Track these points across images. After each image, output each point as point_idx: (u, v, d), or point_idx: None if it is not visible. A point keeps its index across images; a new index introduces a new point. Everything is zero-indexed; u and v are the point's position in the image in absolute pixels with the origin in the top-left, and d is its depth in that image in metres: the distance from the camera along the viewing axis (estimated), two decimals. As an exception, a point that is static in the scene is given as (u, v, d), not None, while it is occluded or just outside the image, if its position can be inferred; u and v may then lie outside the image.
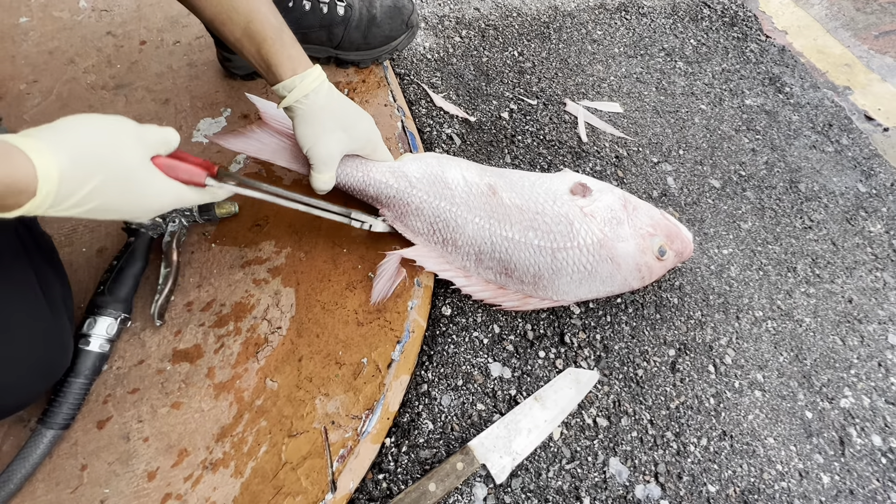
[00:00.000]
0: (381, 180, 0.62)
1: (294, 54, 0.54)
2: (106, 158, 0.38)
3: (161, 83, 0.79)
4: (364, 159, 0.63)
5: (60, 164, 0.35)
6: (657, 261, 0.65)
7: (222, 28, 0.54)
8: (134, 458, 0.50)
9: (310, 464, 0.51)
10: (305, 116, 0.55)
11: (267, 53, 0.53)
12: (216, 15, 0.53)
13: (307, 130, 0.56)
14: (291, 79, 0.53)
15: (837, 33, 1.19)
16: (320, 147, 0.56)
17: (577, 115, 0.91)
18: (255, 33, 0.53)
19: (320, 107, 0.55)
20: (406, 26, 0.80)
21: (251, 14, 0.53)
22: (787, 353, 0.70)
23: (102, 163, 0.38)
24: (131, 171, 0.41)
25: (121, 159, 0.40)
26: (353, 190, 0.64)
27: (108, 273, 0.57)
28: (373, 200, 0.64)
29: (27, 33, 0.83)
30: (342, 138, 0.58)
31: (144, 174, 0.42)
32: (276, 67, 0.53)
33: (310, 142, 0.56)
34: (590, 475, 0.57)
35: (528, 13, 1.08)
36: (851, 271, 0.80)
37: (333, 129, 0.56)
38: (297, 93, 0.54)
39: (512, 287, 0.64)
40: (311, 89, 0.54)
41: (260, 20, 0.53)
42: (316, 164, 0.57)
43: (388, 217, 0.64)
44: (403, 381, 0.58)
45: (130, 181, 0.41)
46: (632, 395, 0.63)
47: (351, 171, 0.62)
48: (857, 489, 0.61)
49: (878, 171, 0.94)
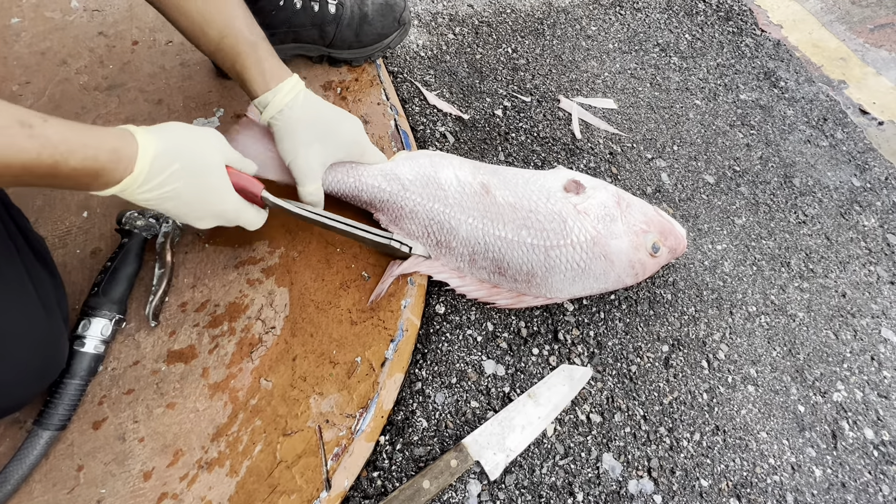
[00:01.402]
0: (374, 185, 0.62)
1: (268, 68, 0.53)
2: (189, 150, 0.46)
3: (154, 83, 0.78)
4: (354, 164, 0.62)
5: (156, 146, 0.44)
6: (650, 257, 0.65)
7: (197, 42, 0.54)
8: (130, 458, 0.51)
9: (304, 462, 0.52)
10: (283, 131, 0.55)
11: (241, 68, 0.53)
12: (191, 30, 0.53)
13: (285, 146, 0.56)
14: (265, 94, 0.53)
15: (833, 27, 1.18)
16: (300, 161, 0.56)
17: (571, 111, 0.91)
18: (228, 48, 0.53)
19: (296, 120, 0.54)
20: (398, 24, 0.80)
21: (225, 30, 0.52)
22: (781, 348, 0.70)
23: (185, 153, 0.46)
24: (207, 167, 0.48)
25: (202, 155, 0.47)
26: (346, 196, 0.63)
27: (103, 274, 0.58)
28: (367, 206, 0.64)
29: (19, 34, 0.82)
30: (320, 150, 0.57)
31: (217, 174, 0.49)
32: (250, 83, 0.54)
33: (290, 156, 0.56)
34: (583, 471, 0.58)
35: (522, 9, 1.08)
36: (845, 266, 0.80)
37: (311, 142, 0.56)
38: (272, 108, 0.54)
39: (506, 286, 0.64)
40: (284, 104, 0.53)
41: (234, 35, 0.52)
42: (298, 178, 0.57)
43: (382, 221, 0.64)
44: (397, 380, 0.59)
45: (203, 176, 0.47)
46: (625, 392, 0.64)
47: (342, 178, 0.62)
48: (849, 482, 0.61)
49: (873, 166, 0.94)
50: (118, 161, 0.42)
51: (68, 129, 0.39)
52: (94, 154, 0.40)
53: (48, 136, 0.37)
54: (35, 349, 0.45)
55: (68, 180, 0.40)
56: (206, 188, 0.48)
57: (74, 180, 0.40)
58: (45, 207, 0.65)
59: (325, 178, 0.61)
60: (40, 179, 0.39)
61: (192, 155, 0.46)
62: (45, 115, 0.38)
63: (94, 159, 0.40)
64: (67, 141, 0.38)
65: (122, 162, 0.42)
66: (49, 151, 0.37)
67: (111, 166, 0.41)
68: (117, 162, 0.42)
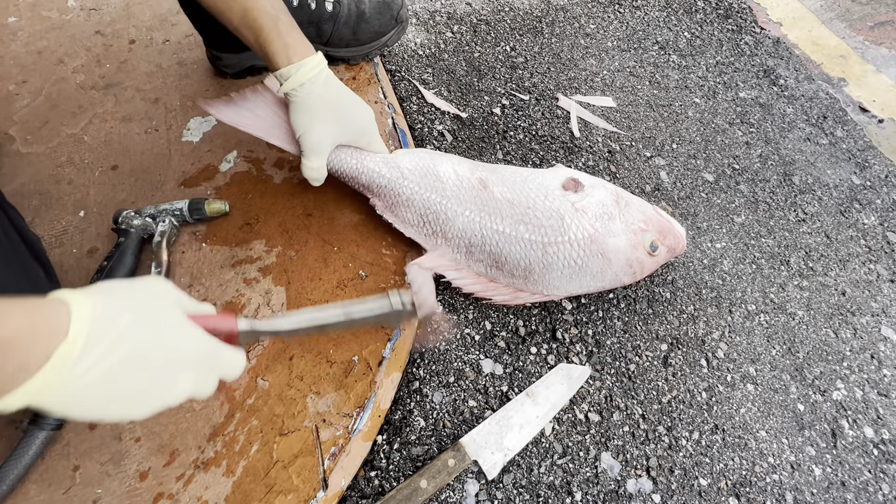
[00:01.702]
0: (374, 169, 0.63)
1: (291, 42, 0.54)
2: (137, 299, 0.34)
3: (151, 82, 0.78)
4: (359, 148, 0.63)
5: (94, 302, 0.31)
6: (649, 256, 0.65)
7: (221, 16, 0.55)
8: (126, 458, 0.50)
9: (301, 462, 0.52)
10: (300, 104, 0.56)
11: (264, 42, 0.54)
12: (215, 3, 0.54)
13: (301, 118, 0.57)
14: (287, 67, 0.54)
15: (832, 24, 1.18)
16: (312, 135, 0.57)
17: (569, 109, 0.91)
18: (252, 21, 0.54)
19: (317, 96, 0.55)
20: (395, 21, 0.80)
21: (248, 2, 0.53)
22: (780, 347, 0.70)
23: (133, 301, 0.34)
24: (164, 311, 0.35)
25: (153, 299, 0.35)
26: (345, 177, 0.64)
27: (99, 274, 0.57)
28: (364, 189, 0.65)
29: (16, 33, 0.82)
30: (334, 129, 0.58)
31: (177, 316, 0.36)
32: (272, 56, 0.54)
33: (302, 129, 0.57)
34: (581, 470, 0.58)
35: (521, 7, 1.07)
36: (845, 264, 0.80)
37: (326, 120, 0.57)
38: (293, 81, 0.54)
39: (503, 280, 0.64)
40: (307, 78, 0.54)
41: (257, 8, 0.53)
42: (306, 152, 0.58)
43: (378, 207, 0.64)
44: (395, 379, 0.58)
45: (164, 321, 0.35)
46: (624, 390, 0.63)
47: (345, 158, 0.63)
48: (849, 481, 0.61)
49: (873, 163, 0.93)
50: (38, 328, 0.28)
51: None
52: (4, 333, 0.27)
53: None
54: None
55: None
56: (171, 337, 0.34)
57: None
58: (42, 207, 0.65)
59: (329, 156, 0.62)
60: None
61: (141, 302, 0.34)
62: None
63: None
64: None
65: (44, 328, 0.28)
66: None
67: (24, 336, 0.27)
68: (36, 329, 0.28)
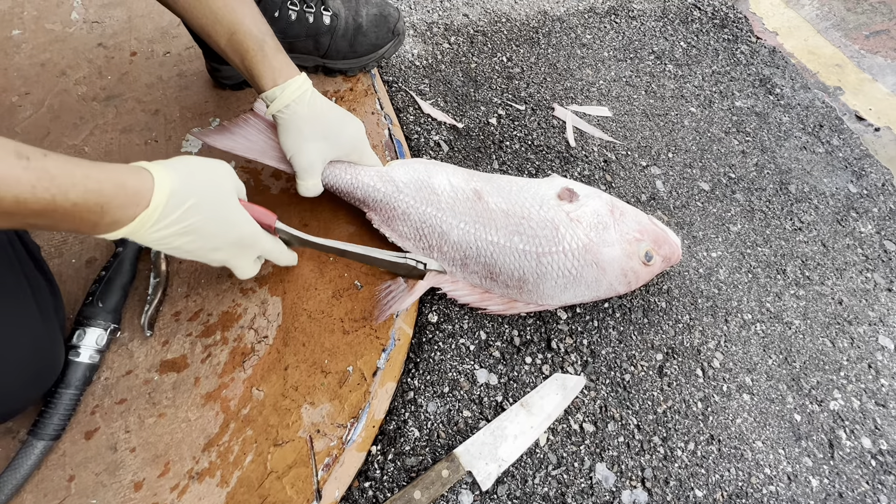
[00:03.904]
0: (369, 184, 0.63)
1: (276, 65, 0.54)
2: (204, 183, 0.46)
3: (151, 94, 0.79)
4: (352, 163, 0.64)
5: (172, 180, 0.42)
6: (643, 266, 0.65)
7: (208, 39, 0.56)
8: (121, 468, 0.51)
9: (295, 472, 0.52)
10: (288, 125, 0.56)
11: (250, 64, 0.54)
12: (202, 26, 0.55)
13: (289, 139, 0.57)
14: (273, 89, 0.54)
15: (828, 33, 1.19)
16: (301, 155, 0.58)
17: (565, 119, 0.91)
18: (238, 44, 0.54)
19: (301, 116, 0.56)
20: (392, 34, 0.81)
21: (234, 25, 0.53)
22: (776, 356, 0.70)
23: (200, 186, 0.45)
24: (222, 198, 0.48)
25: (217, 187, 0.47)
26: (341, 192, 0.65)
27: (97, 284, 0.58)
28: (360, 203, 0.65)
29: (19, 45, 0.84)
30: (324, 147, 0.59)
31: (232, 203, 0.49)
32: (258, 78, 0.54)
33: (292, 150, 0.58)
34: (576, 481, 0.57)
35: (517, 18, 1.09)
36: (842, 273, 0.80)
37: (315, 139, 0.58)
38: (279, 103, 0.54)
39: (497, 291, 0.64)
40: (291, 100, 0.54)
41: (243, 31, 0.54)
42: (298, 172, 0.59)
43: (374, 221, 0.65)
44: (389, 389, 0.58)
45: (220, 206, 0.47)
46: (619, 400, 0.63)
47: (339, 174, 0.63)
48: (847, 492, 0.61)
49: (869, 172, 0.94)
50: (127, 196, 0.39)
51: (71, 163, 0.37)
52: (98, 187, 0.37)
53: (46, 169, 0.35)
54: (32, 356, 0.46)
55: (69, 218, 0.37)
56: (223, 219, 0.47)
57: (77, 218, 0.37)
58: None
59: (323, 172, 0.63)
60: (38, 217, 0.36)
61: (206, 187, 0.46)
62: (46, 151, 0.36)
63: (97, 192, 0.37)
64: (68, 174, 0.36)
65: (132, 196, 0.40)
66: (45, 184, 0.34)
67: (118, 201, 0.39)
68: (126, 196, 0.39)
